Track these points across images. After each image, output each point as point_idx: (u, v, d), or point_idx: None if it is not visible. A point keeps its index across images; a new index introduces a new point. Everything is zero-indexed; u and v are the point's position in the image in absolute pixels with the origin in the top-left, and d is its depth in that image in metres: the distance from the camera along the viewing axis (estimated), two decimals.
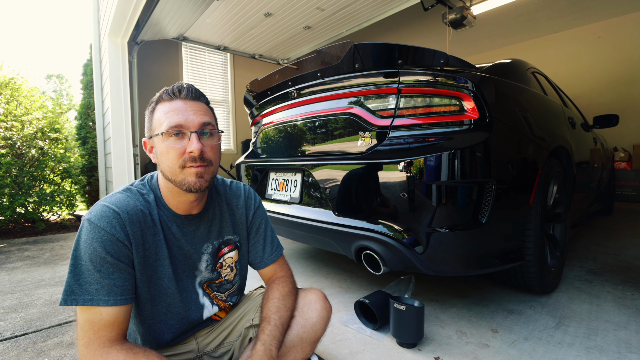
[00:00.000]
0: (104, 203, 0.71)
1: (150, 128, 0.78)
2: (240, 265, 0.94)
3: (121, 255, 0.69)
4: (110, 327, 0.66)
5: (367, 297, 1.33)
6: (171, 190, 0.78)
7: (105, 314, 0.66)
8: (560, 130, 1.83)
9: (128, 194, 0.76)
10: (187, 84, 0.77)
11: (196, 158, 0.72)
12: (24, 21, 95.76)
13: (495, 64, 1.69)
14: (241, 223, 0.94)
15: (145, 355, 0.65)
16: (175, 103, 0.74)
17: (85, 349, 0.64)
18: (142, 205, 0.75)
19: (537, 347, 1.20)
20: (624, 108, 5.19)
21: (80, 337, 0.65)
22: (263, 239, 0.97)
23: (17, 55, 72.23)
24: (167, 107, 0.74)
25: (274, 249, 0.98)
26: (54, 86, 24.11)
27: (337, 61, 1.45)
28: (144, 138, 0.81)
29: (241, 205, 0.94)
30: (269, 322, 0.79)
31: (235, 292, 0.95)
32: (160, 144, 0.74)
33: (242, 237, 0.94)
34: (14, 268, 2.33)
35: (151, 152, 0.80)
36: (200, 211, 0.85)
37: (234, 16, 4.40)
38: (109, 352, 0.64)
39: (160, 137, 0.73)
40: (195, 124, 0.73)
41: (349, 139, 1.43)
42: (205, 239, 0.86)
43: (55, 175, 4.06)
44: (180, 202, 0.80)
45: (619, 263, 2.13)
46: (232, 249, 0.92)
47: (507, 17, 5.26)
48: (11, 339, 1.35)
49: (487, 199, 1.21)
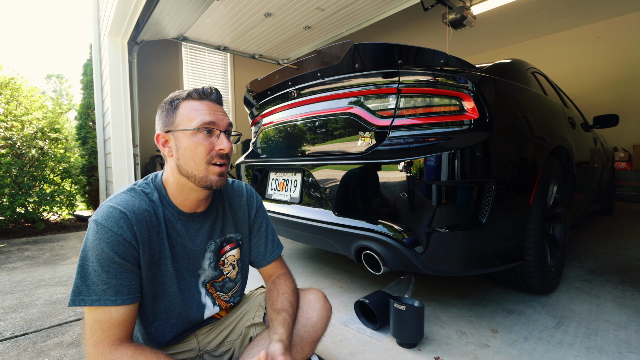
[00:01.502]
0: (110, 204, 0.71)
1: (171, 123, 0.78)
2: (242, 263, 0.95)
3: (128, 255, 0.70)
4: (119, 326, 0.67)
5: (367, 297, 1.33)
6: (182, 187, 0.79)
7: (115, 313, 0.67)
8: (560, 130, 1.83)
9: (132, 194, 0.76)
10: (215, 87, 0.81)
11: (224, 155, 0.77)
12: (24, 21, 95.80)
13: (495, 64, 1.69)
14: (243, 221, 0.95)
15: (152, 353, 0.66)
16: (205, 103, 0.78)
17: (94, 348, 0.65)
18: (146, 204, 0.76)
19: (537, 347, 1.20)
20: (624, 108, 5.19)
21: (89, 336, 0.66)
22: (265, 237, 0.99)
23: (17, 55, 72.33)
24: (197, 105, 0.77)
25: (274, 247, 1.00)
26: (54, 86, 24.13)
27: (337, 61, 1.45)
28: (158, 132, 0.80)
29: (243, 204, 0.96)
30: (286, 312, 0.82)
31: (238, 292, 0.96)
32: (186, 139, 0.76)
33: (244, 236, 0.96)
34: (14, 268, 2.33)
35: (165, 145, 0.79)
36: (205, 209, 0.86)
37: (234, 16, 4.40)
38: (117, 349, 0.65)
39: (187, 133, 0.75)
40: (224, 124, 0.79)
41: (349, 139, 1.43)
42: (208, 237, 0.87)
43: (55, 175, 4.06)
44: (189, 199, 0.81)
45: (619, 263, 2.13)
46: (234, 247, 0.93)
47: (507, 17, 5.26)
48: (11, 339, 1.35)
49: (487, 199, 1.21)
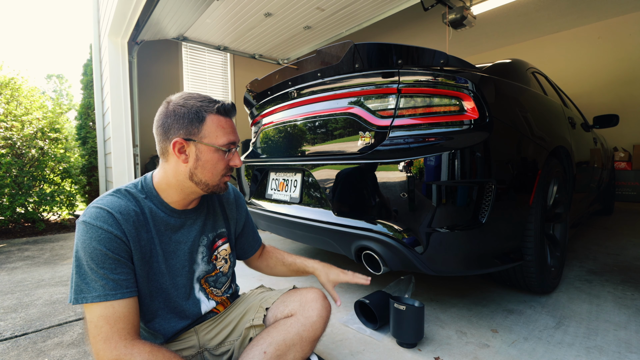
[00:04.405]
0: (96, 205, 0.73)
1: (196, 133, 0.77)
2: (233, 257, 1.02)
3: (121, 251, 0.72)
4: (125, 319, 0.68)
5: (367, 297, 1.33)
6: (184, 190, 0.83)
7: (118, 307, 0.68)
8: (560, 130, 1.83)
9: (118, 195, 0.78)
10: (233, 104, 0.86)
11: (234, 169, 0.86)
12: (24, 21, 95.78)
13: (495, 64, 1.69)
14: (231, 218, 1.02)
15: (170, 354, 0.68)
16: (229, 121, 0.84)
17: (105, 344, 0.65)
18: (133, 204, 0.78)
19: (537, 347, 1.20)
20: (624, 108, 5.19)
21: (95, 334, 0.66)
22: (251, 230, 1.12)
23: (17, 55, 72.35)
24: (223, 122, 0.82)
25: (257, 234, 1.15)
26: (54, 86, 24.12)
27: (337, 61, 1.44)
28: (177, 137, 0.77)
29: (232, 202, 1.04)
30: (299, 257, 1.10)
31: (229, 286, 1.00)
32: (209, 153, 0.80)
33: (233, 231, 1.04)
34: (14, 268, 2.33)
35: (181, 152, 0.78)
36: (196, 205, 0.90)
37: (234, 16, 4.40)
38: (134, 345, 0.66)
39: (212, 148, 0.80)
40: (239, 141, 0.87)
41: (349, 139, 1.43)
42: (201, 232, 0.90)
43: (55, 175, 4.05)
44: (187, 199, 0.86)
45: (619, 263, 2.13)
46: (226, 242, 0.98)
47: (507, 17, 5.26)
48: (11, 339, 1.35)
49: (487, 199, 1.21)
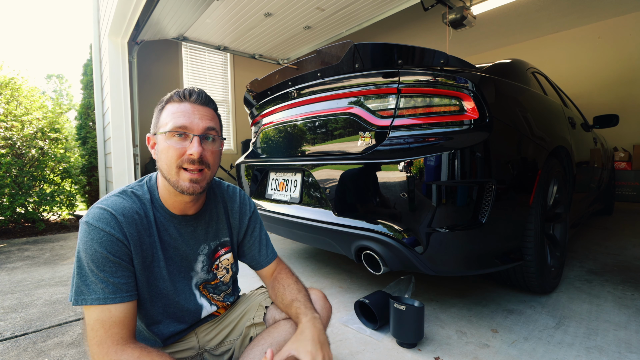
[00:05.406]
0: (100, 205, 0.72)
1: (156, 125, 0.80)
2: (235, 267, 0.97)
3: (122, 254, 0.71)
4: (121, 324, 0.67)
5: (367, 297, 1.33)
6: (168, 189, 0.79)
7: (115, 311, 0.67)
8: (560, 130, 1.83)
9: (123, 196, 0.77)
10: (199, 89, 0.79)
11: (194, 161, 0.74)
12: (24, 21, 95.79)
13: (495, 64, 1.69)
14: (235, 227, 0.95)
15: (159, 356, 0.66)
16: (183, 105, 0.76)
17: (98, 348, 0.65)
18: (137, 207, 0.77)
19: (537, 347, 1.20)
20: (624, 108, 5.19)
21: (91, 337, 0.66)
22: (259, 240, 0.98)
23: (17, 55, 72.32)
24: (175, 108, 0.76)
25: (269, 250, 1.00)
26: (54, 86, 24.10)
27: (337, 61, 1.44)
28: (148, 134, 0.83)
29: (236, 210, 0.95)
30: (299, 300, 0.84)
31: (230, 293, 0.97)
32: (162, 141, 0.76)
33: (235, 241, 0.96)
34: (14, 268, 2.33)
35: (153, 147, 0.81)
36: (196, 212, 0.86)
37: (234, 16, 4.40)
38: (123, 349, 0.65)
39: (163, 135, 0.75)
40: (199, 127, 0.75)
41: (349, 139, 1.43)
42: (202, 240, 0.87)
43: (55, 175, 4.05)
44: (177, 202, 0.81)
45: (619, 263, 2.13)
46: (228, 251, 0.93)
47: (507, 17, 5.26)
48: (11, 339, 1.35)
49: (487, 199, 1.21)
